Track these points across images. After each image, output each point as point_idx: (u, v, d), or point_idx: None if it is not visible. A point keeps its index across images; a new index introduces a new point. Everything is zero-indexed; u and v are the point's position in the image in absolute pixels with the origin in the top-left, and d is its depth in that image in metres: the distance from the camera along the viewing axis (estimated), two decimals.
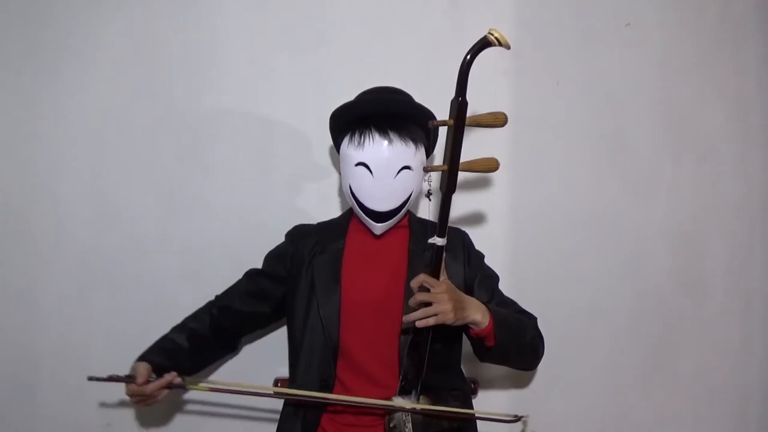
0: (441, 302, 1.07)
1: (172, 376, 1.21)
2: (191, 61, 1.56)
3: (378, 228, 1.28)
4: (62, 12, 1.53)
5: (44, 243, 1.53)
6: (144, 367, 1.21)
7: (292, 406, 1.29)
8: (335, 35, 1.59)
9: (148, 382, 1.19)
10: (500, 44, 0.95)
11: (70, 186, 1.54)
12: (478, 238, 1.40)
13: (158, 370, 1.24)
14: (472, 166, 1.04)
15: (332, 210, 1.58)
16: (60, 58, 1.53)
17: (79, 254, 1.54)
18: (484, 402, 1.57)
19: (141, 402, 1.21)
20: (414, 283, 1.09)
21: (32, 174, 1.53)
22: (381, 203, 1.25)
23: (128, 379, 1.19)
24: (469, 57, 0.97)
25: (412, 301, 1.09)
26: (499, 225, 1.62)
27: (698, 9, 1.70)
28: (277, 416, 1.33)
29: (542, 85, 1.64)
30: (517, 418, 1.18)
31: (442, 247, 1.08)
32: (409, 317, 1.09)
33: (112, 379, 1.18)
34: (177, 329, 1.35)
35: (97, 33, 1.54)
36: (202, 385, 1.24)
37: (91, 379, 1.17)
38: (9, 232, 1.52)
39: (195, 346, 1.33)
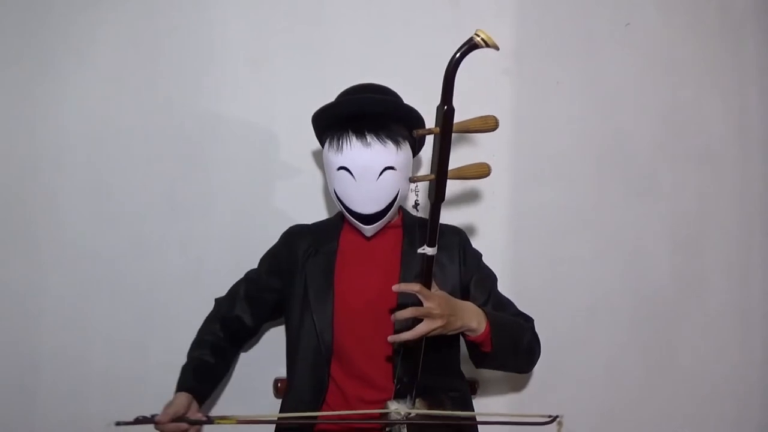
0: (433, 318, 1.06)
1: (191, 412, 1.17)
2: (191, 61, 1.56)
3: (368, 230, 1.27)
4: (62, 12, 1.53)
5: (44, 244, 1.53)
6: (182, 399, 1.19)
7: (289, 409, 1.29)
8: (335, 34, 1.59)
9: (174, 419, 1.14)
10: (487, 45, 0.90)
11: (70, 187, 1.53)
12: (478, 238, 1.41)
13: (199, 393, 1.24)
14: (461, 174, 1.00)
15: (332, 210, 1.58)
16: (60, 58, 1.53)
17: (79, 255, 1.53)
18: (484, 402, 1.57)
19: None
20: (400, 288, 1.07)
21: (32, 174, 1.53)
22: (366, 206, 1.23)
23: (153, 420, 1.13)
24: (455, 60, 0.92)
25: (400, 315, 1.06)
26: (499, 225, 1.62)
27: (698, 9, 1.70)
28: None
29: (542, 85, 1.64)
30: (552, 419, 1.13)
31: (432, 256, 1.06)
32: (398, 337, 1.07)
33: (138, 421, 1.12)
34: (198, 346, 1.34)
35: (98, 33, 1.54)
36: (231, 417, 1.15)
37: (119, 424, 1.12)
38: (9, 233, 1.52)
39: (220, 358, 1.34)
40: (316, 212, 1.53)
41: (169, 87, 1.55)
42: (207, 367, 1.30)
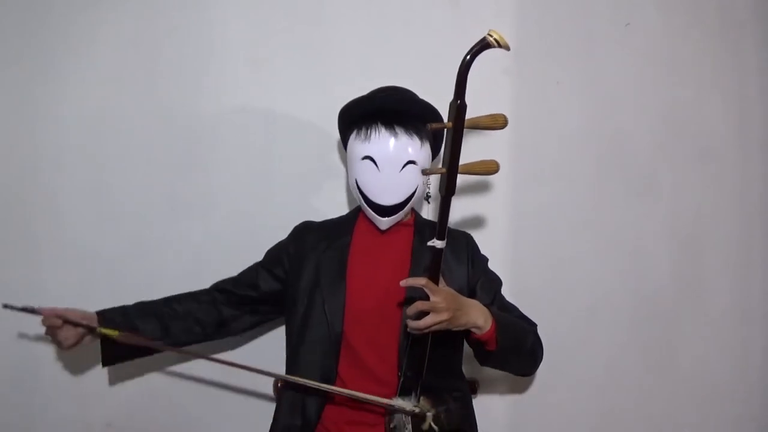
0: (438, 312, 1.07)
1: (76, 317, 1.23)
2: (191, 61, 1.56)
3: (383, 223, 1.29)
4: (62, 12, 1.53)
5: (44, 244, 1.53)
6: (85, 312, 1.25)
7: (290, 397, 1.30)
8: (335, 34, 1.59)
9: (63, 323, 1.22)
10: (500, 45, 0.93)
11: (70, 187, 1.53)
12: (478, 239, 1.40)
13: (109, 322, 1.27)
14: (471, 169, 1.03)
15: (333, 210, 1.57)
16: (60, 58, 1.53)
17: (79, 255, 1.53)
18: (484, 402, 1.57)
19: (54, 338, 1.25)
20: (407, 282, 1.09)
21: (32, 174, 1.53)
22: (386, 197, 1.26)
23: (38, 311, 1.22)
24: (468, 59, 0.96)
25: (410, 310, 1.08)
26: (500, 225, 1.62)
27: (698, 9, 1.70)
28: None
29: (542, 85, 1.64)
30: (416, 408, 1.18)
31: (441, 249, 1.08)
32: (410, 325, 1.09)
33: (25, 309, 1.21)
34: (170, 302, 1.37)
35: (97, 32, 1.54)
36: (115, 330, 1.23)
37: (6, 306, 1.20)
38: (9, 233, 1.52)
39: (175, 323, 1.34)
40: (316, 212, 1.53)
41: (169, 87, 1.55)
42: (141, 309, 1.33)
